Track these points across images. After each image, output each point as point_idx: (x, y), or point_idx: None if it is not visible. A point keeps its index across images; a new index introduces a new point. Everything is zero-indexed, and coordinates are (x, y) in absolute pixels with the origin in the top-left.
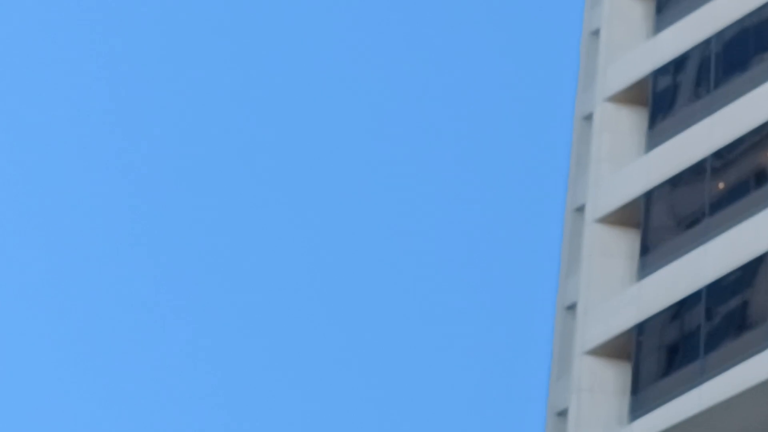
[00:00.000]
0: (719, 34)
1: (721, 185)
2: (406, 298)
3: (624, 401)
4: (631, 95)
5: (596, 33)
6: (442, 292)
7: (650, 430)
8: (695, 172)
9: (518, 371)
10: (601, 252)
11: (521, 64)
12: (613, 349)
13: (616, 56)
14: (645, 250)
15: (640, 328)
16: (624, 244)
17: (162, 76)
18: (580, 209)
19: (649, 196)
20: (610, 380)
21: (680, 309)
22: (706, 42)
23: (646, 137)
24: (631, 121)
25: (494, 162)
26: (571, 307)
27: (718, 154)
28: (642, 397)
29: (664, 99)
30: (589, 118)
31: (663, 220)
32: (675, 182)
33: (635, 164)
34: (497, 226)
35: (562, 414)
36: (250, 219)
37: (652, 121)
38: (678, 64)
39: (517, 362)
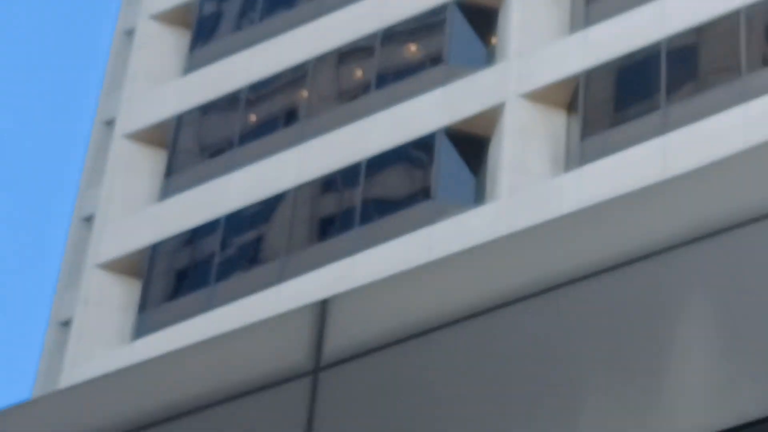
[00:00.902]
0: None
1: (252, 118)
2: None
3: (130, 319)
4: (176, 16)
5: None
6: None
7: (152, 350)
8: (229, 101)
9: (27, 279)
10: (126, 168)
11: None
12: (126, 266)
13: None
14: (170, 171)
15: (155, 248)
16: (150, 163)
17: None
18: (110, 123)
19: (179, 119)
20: (119, 297)
21: (196, 235)
22: None
23: (185, 61)
24: (173, 42)
25: (26, 68)
26: (89, 219)
27: (254, 87)
28: (148, 316)
29: (208, 25)
30: (130, 33)
31: (191, 144)
32: (207, 109)
33: (170, 86)
34: (23, 132)
35: (66, 324)
36: None
37: (193, 46)
38: None
39: (26, 270)
